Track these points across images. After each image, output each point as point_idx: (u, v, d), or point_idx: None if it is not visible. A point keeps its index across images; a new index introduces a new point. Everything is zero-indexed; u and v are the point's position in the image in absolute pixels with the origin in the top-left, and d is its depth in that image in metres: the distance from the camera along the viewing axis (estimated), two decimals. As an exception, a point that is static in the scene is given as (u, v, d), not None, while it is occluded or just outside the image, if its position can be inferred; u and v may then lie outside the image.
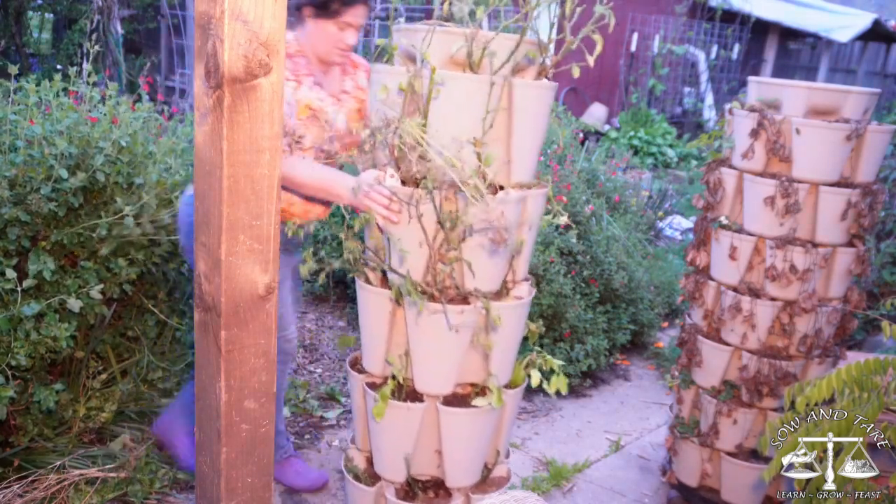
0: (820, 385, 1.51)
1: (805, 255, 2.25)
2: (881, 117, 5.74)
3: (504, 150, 1.69)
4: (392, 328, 1.80)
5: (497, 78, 1.61)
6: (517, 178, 1.73)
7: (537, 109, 1.71)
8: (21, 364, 2.15)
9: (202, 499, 1.42)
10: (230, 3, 1.12)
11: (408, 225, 1.67)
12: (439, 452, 1.83)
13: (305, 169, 1.97)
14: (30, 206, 2.19)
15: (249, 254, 1.24)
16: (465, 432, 1.80)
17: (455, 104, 1.62)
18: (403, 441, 1.81)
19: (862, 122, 2.18)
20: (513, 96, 1.64)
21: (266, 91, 1.19)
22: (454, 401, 1.79)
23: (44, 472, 2.27)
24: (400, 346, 1.80)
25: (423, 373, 1.78)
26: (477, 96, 1.60)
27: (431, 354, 1.76)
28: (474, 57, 1.63)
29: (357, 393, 1.89)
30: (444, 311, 1.66)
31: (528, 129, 1.70)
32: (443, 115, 1.62)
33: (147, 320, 2.72)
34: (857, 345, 3.84)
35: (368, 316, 1.83)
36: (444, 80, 1.60)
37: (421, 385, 1.79)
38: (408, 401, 1.78)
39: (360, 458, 1.97)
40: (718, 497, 2.53)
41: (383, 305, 1.77)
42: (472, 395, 1.81)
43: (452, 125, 1.62)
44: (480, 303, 1.70)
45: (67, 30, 7.88)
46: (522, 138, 1.70)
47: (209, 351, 1.30)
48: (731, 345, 2.42)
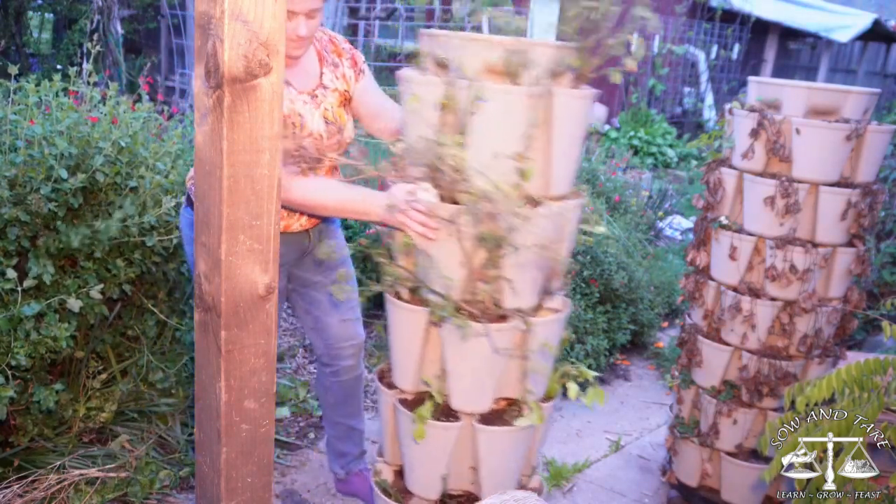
0: (820, 385, 1.51)
1: (805, 255, 2.25)
2: (881, 117, 5.74)
3: (542, 162, 1.60)
4: (426, 345, 1.73)
5: (539, 89, 1.52)
6: (556, 191, 1.64)
7: (577, 118, 1.63)
8: (21, 364, 2.15)
9: (202, 499, 1.42)
10: (230, 3, 1.12)
11: (446, 243, 1.60)
12: (474, 468, 1.77)
13: (329, 189, 1.81)
14: (30, 206, 2.19)
15: (249, 254, 1.24)
16: (502, 449, 1.74)
17: (495, 117, 1.53)
18: (438, 458, 1.75)
19: (862, 122, 2.18)
20: (552, 106, 1.56)
21: (266, 91, 1.19)
22: (490, 417, 1.73)
23: (44, 472, 2.27)
24: (433, 362, 1.74)
25: (460, 391, 1.71)
26: (518, 108, 1.52)
27: (470, 373, 1.69)
28: (513, 66, 1.53)
29: (386, 408, 1.84)
30: (489, 334, 1.59)
31: (567, 139, 1.62)
32: (482, 129, 1.54)
33: (147, 320, 2.72)
34: (857, 345, 3.84)
35: (400, 333, 1.76)
36: (486, 93, 1.50)
37: (458, 403, 1.72)
38: (442, 418, 1.72)
39: (388, 471, 1.92)
40: (718, 497, 2.53)
41: (417, 323, 1.70)
42: (507, 410, 1.75)
43: (492, 139, 1.54)
44: (519, 320, 1.63)
45: (67, 30, 7.88)
46: (562, 149, 1.61)
47: (209, 351, 1.30)
48: (731, 345, 2.41)
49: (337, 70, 2.06)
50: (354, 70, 2.09)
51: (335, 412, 2.42)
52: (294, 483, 2.64)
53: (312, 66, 2.02)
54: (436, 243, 1.61)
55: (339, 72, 2.06)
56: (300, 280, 2.24)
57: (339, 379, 2.36)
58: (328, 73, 2.03)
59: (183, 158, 2.71)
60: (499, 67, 1.54)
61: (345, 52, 2.09)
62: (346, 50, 2.10)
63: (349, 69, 2.08)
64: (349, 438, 2.47)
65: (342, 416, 2.43)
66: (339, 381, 2.37)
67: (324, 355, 2.34)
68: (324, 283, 2.24)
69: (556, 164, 1.62)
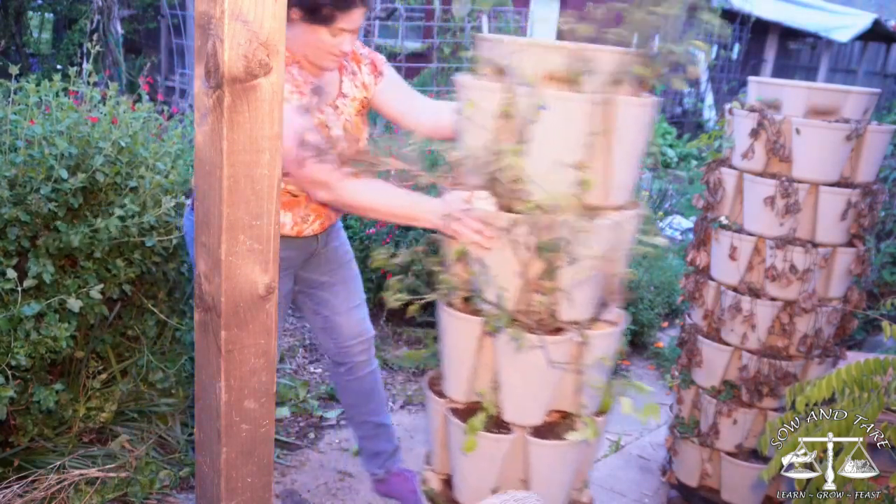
0: (820, 385, 1.51)
1: (805, 255, 2.25)
2: (881, 117, 5.74)
3: (602, 171, 1.56)
4: (479, 355, 1.70)
5: (600, 96, 1.49)
6: (615, 201, 1.60)
7: (639, 127, 1.59)
8: (21, 364, 2.15)
9: (202, 499, 1.42)
10: (230, 3, 1.12)
11: (501, 252, 1.56)
12: (524, 481, 1.74)
13: (384, 193, 1.76)
14: (30, 207, 2.19)
15: (249, 254, 1.24)
16: (553, 463, 1.71)
17: (555, 125, 1.50)
18: (488, 470, 1.72)
19: (862, 122, 2.18)
20: (613, 114, 1.52)
21: (266, 91, 1.19)
22: (542, 429, 1.70)
23: (44, 472, 2.27)
24: (486, 372, 1.71)
25: (513, 403, 1.68)
26: (579, 116, 1.49)
27: (523, 385, 1.66)
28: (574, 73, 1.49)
29: (436, 416, 1.81)
30: (546, 347, 1.57)
31: (628, 147, 1.58)
32: (541, 137, 1.50)
33: (147, 320, 2.72)
34: (857, 345, 3.84)
35: (453, 342, 1.73)
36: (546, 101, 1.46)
37: (510, 415, 1.69)
38: (494, 430, 1.69)
39: (435, 480, 1.89)
40: (718, 497, 2.53)
41: (470, 332, 1.68)
42: (559, 423, 1.71)
43: (551, 147, 1.51)
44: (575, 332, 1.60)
45: (67, 30, 7.88)
46: (622, 158, 1.57)
47: (209, 351, 1.30)
48: (731, 345, 2.41)
49: (356, 78, 2.05)
50: (375, 75, 2.07)
51: (358, 411, 2.42)
52: (294, 483, 2.64)
53: (333, 77, 2.01)
54: (491, 252, 1.58)
55: (358, 80, 2.05)
56: (307, 282, 2.24)
57: (355, 376, 2.36)
58: (347, 82, 2.03)
59: (183, 158, 2.71)
60: (559, 74, 1.51)
61: (363, 57, 2.07)
62: (365, 55, 2.08)
63: (368, 75, 2.06)
64: (378, 436, 2.44)
65: (366, 415, 2.41)
66: (354, 378, 2.36)
67: (335, 354, 2.34)
68: (331, 282, 2.24)
69: (616, 173, 1.57)
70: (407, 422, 3.12)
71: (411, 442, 2.97)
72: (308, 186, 1.82)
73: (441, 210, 1.65)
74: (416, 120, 2.10)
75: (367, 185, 1.76)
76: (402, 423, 3.10)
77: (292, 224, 2.03)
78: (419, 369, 3.52)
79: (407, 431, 3.04)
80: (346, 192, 1.76)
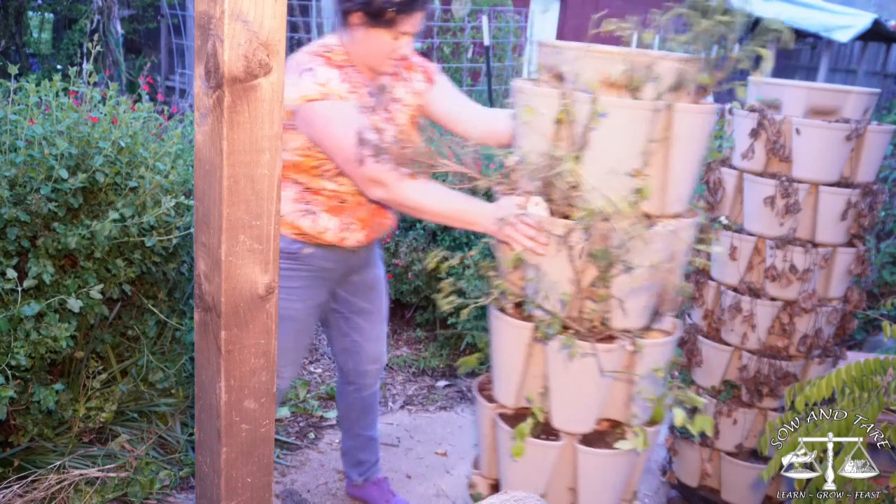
0: (820, 385, 1.51)
1: (805, 255, 2.25)
2: (881, 117, 5.74)
3: (660, 178, 1.55)
4: (529, 361, 1.69)
5: (660, 103, 1.48)
6: (672, 209, 1.59)
7: (698, 134, 1.57)
8: (21, 364, 2.15)
9: (202, 499, 1.42)
10: (230, 3, 1.12)
11: (555, 259, 1.56)
12: (573, 490, 1.73)
13: (440, 195, 1.77)
14: (30, 207, 2.19)
15: (249, 254, 1.24)
16: (602, 472, 1.70)
17: (614, 132, 1.49)
18: (536, 477, 1.71)
19: (862, 122, 2.18)
20: (673, 121, 1.52)
21: (266, 91, 1.19)
22: (592, 438, 1.69)
23: (44, 472, 2.27)
24: (536, 378, 1.70)
25: (562, 410, 1.67)
26: (638, 123, 1.48)
27: (573, 393, 1.65)
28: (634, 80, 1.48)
29: (485, 421, 1.81)
30: (596, 354, 1.56)
31: (687, 155, 1.56)
32: (600, 144, 1.50)
33: (147, 320, 2.72)
34: (857, 345, 3.84)
35: (504, 347, 1.73)
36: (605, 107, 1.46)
37: (559, 422, 1.68)
38: (543, 436, 1.68)
39: (483, 484, 1.89)
40: (718, 497, 2.53)
41: (521, 338, 1.67)
42: (609, 432, 1.71)
43: (610, 154, 1.50)
44: (628, 341, 1.59)
45: (67, 30, 7.88)
46: (681, 166, 1.56)
47: (209, 351, 1.30)
48: (731, 345, 2.42)
49: (409, 85, 2.05)
50: (428, 83, 2.08)
51: (357, 425, 2.47)
52: (294, 483, 2.64)
53: (387, 81, 2.02)
54: (545, 258, 1.58)
55: (410, 87, 2.06)
56: (348, 304, 2.25)
57: (361, 395, 2.42)
58: (400, 89, 2.04)
59: (183, 158, 2.71)
60: (619, 80, 1.50)
61: (416, 65, 2.08)
62: (418, 63, 2.09)
63: (420, 83, 2.07)
64: (367, 448, 2.51)
65: (361, 428, 2.48)
66: (360, 396, 2.42)
67: (350, 374, 2.37)
68: (369, 309, 2.27)
69: (673, 181, 1.56)
70: (407, 422, 3.12)
71: (411, 442, 2.97)
72: (365, 185, 1.82)
73: (495, 214, 1.66)
74: (469, 126, 2.10)
75: (424, 185, 1.77)
76: (402, 423, 3.10)
77: (336, 230, 2.01)
78: (419, 369, 3.52)
79: (407, 431, 3.04)
80: (403, 192, 1.77)
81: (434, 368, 3.55)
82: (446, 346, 3.64)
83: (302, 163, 1.93)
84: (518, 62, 7.96)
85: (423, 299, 3.73)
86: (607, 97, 1.48)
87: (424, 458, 2.88)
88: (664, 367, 1.67)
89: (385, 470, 2.72)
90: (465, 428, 3.11)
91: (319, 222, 1.98)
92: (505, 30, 7.77)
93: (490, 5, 7.69)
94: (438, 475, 2.78)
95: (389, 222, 2.13)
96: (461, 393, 3.39)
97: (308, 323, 2.14)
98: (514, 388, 1.73)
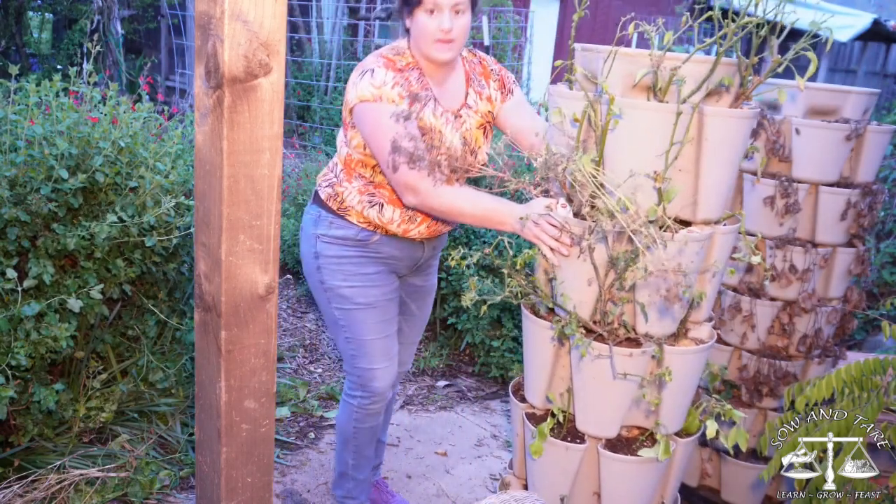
0: (820, 385, 1.51)
1: (805, 255, 2.25)
2: (881, 117, 5.74)
3: (691, 184, 1.54)
4: (556, 362, 1.70)
5: (685, 107, 1.46)
6: (704, 215, 1.57)
7: (732, 139, 1.54)
8: (21, 364, 2.15)
9: (202, 499, 1.42)
10: (230, 3, 1.12)
11: (578, 260, 1.57)
12: (598, 495, 1.72)
13: (470, 198, 1.81)
14: (30, 207, 2.19)
15: (249, 254, 1.24)
16: (627, 480, 1.67)
17: (636, 135, 1.49)
18: (559, 479, 1.71)
19: (861, 122, 2.18)
20: (703, 126, 1.50)
21: (266, 91, 1.19)
22: (618, 444, 1.67)
23: (44, 472, 2.27)
24: (563, 380, 1.70)
25: (585, 413, 1.67)
26: (661, 127, 1.46)
27: (594, 396, 1.64)
28: (660, 83, 1.48)
29: (517, 421, 1.82)
30: (611, 356, 1.55)
31: (719, 160, 1.54)
32: (621, 147, 1.50)
33: (147, 320, 2.72)
34: (857, 345, 3.84)
35: (531, 347, 1.74)
36: (624, 110, 1.46)
37: (582, 425, 1.68)
38: (568, 438, 1.68)
39: (516, 484, 1.89)
40: (718, 497, 2.53)
41: (547, 338, 1.68)
42: (638, 440, 1.69)
43: (631, 157, 1.49)
44: (653, 346, 1.58)
45: (67, 30, 7.88)
46: (711, 171, 1.54)
47: (209, 351, 1.30)
48: (731, 345, 2.42)
49: (483, 93, 2.06)
50: (502, 92, 2.08)
51: None
52: (294, 483, 2.64)
53: (459, 87, 2.03)
54: (569, 260, 1.59)
55: (485, 94, 2.06)
56: (402, 307, 2.26)
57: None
58: (472, 95, 2.04)
59: (183, 158, 2.71)
60: (648, 83, 1.49)
61: (493, 73, 2.08)
62: (495, 71, 2.09)
63: (495, 91, 2.08)
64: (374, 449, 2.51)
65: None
66: None
67: None
68: (413, 313, 2.30)
69: (704, 187, 1.55)
70: (407, 422, 3.12)
71: (411, 441, 2.97)
72: (399, 190, 1.88)
73: (521, 214, 1.70)
74: (531, 141, 2.09)
75: (455, 190, 1.81)
76: (403, 422, 3.10)
77: (400, 221, 2.03)
78: (419, 369, 3.52)
79: (407, 431, 3.05)
80: (433, 197, 1.81)
81: (434, 368, 3.55)
82: (446, 346, 3.65)
83: (364, 159, 1.98)
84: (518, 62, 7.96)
85: (423, 299, 3.74)
86: (628, 99, 1.48)
87: (424, 458, 2.88)
88: (694, 375, 1.66)
89: (385, 470, 2.72)
90: (465, 428, 3.12)
91: (385, 213, 2.02)
92: (505, 30, 7.77)
93: (490, 5, 7.69)
94: (438, 475, 2.78)
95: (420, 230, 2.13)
96: (461, 393, 3.39)
97: (389, 310, 2.13)
98: (542, 388, 1.74)
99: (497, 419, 3.21)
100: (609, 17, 9.83)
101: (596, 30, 9.87)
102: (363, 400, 2.15)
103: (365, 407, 2.16)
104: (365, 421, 2.20)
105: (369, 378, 2.12)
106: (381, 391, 2.14)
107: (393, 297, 2.13)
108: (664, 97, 1.50)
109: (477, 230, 3.50)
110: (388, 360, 2.14)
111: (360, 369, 2.11)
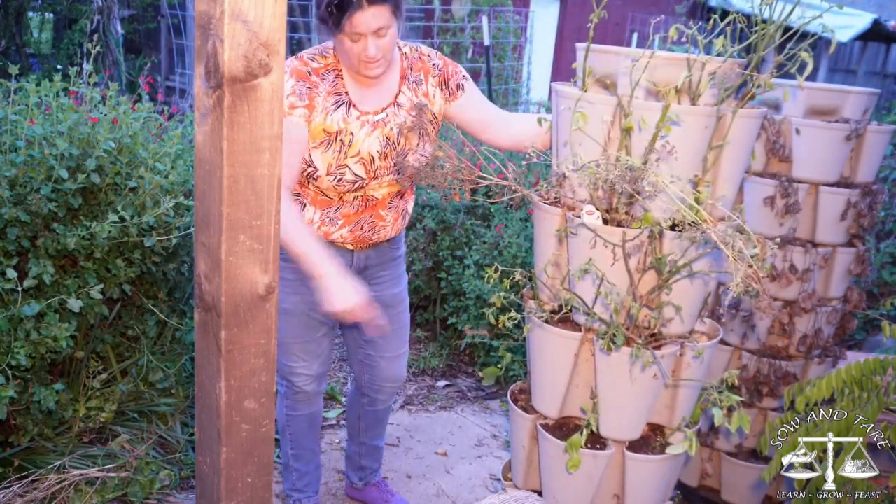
0: (820, 385, 1.51)
1: (805, 255, 2.25)
2: (881, 117, 5.74)
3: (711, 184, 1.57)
4: (574, 371, 1.69)
5: (726, 109, 1.48)
6: (720, 213, 1.59)
7: (746, 139, 1.57)
8: (21, 364, 2.15)
9: (202, 499, 1.42)
10: (230, 3, 1.12)
11: (611, 268, 1.56)
12: (618, 496, 1.73)
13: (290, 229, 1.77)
14: (30, 207, 2.19)
15: (249, 254, 1.24)
16: (649, 477, 1.70)
17: (679, 139, 1.47)
18: (584, 486, 1.71)
19: (862, 123, 2.18)
20: (727, 126, 1.52)
21: (266, 91, 1.19)
22: (636, 444, 1.71)
23: (44, 472, 2.27)
24: (581, 388, 1.70)
25: (612, 418, 1.67)
26: (699, 131, 1.47)
27: (627, 400, 1.65)
28: (695, 87, 1.49)
29: (523, 433, 1.80)
30: (658, 361, 1.56)
31: (735, 159, 1.56)
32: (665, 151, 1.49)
33: (147, 320, 2.72)
34: (857, 345, 3.84)
35: (547, 358, 1.72)
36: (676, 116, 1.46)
37: (607, 430, 1.68)
38: (588, 444, 1.67)
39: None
40: (718, 497, 2.53)
41: (568, 349, 1.67)
42: (650, 437, 1.72)
43: (675, 161, 1.48)
44: (678, 345, 1.60)
45: (67, 30, 7.88)
46: (729, 170, 1.57)
47: (209, 351, 1.30)
48: (731, 345, 2.41)
49: (419, 89, 1.98)
50: (444, 88, 2.01)
51: (365, 436, 2.47)
52: (294, 483, 2.64)
53: (389, 85, 1.95)
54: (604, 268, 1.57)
55: (421, 91, 1.98)
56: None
57: (375, 408, 2.41)
58: (407, 92, 1.96)
59: (183, 158, 2.71)
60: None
61: (434, 68, 2.00)
62: (437, 66, 2.00)
63: (434, 87, 1.99)
64: (371, 455, 2.52)
65: (370, 438, 2.48)
66: (374, 409, 2.41)
67: (364, 386, 2.36)
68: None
69: (721, 186, 1.56)
70: (407, 422, 3.12)
71: (411, 441, 2.97)
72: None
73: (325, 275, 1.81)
74: (496, 134, 2.06)
75: (289, 212, 1.78)
76: (402, 422, 3.10)
77: (320, 223, 2.01)
78: (419, 369, 3.52)
79: (407, 431, 3.05)
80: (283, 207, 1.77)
81: (434, 368, 3.55)
82: (446, 346, 3.64)
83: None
84: (518, 62, 7.96)
85: (424, 299, 3.73)
86: (676, 105, 1.47)
87: (424, 458, 2.88)
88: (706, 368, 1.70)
89: (385, 470, 2.72)
90: (465, 428, 3.12)
91: (307, 213, 2.00)
92: (505, 30, 7.77)
93: (490, 5, 7.69)
94: (438, 475, 2.78)
95: (385, 224, 2.07)
96: (461, 393, 3.39)
97: (309, 318, 2.09)
98: (558, 398, 1.72)
99: (497, 419, 3.21)
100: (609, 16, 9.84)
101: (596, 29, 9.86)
102: (287, 390, 2.24)
103: (290, 397, 2.24)
104: (295, 409, 2.26)
105: (287, 373, 2.19)
106: (300, 385, 2.21)
107: (314, 307, 1.99)
108: (696, 100, 1.50)
109: (477, 230, 3.50)
110: (307, 359, 2.16)
111: (281, 363, 2.17)
